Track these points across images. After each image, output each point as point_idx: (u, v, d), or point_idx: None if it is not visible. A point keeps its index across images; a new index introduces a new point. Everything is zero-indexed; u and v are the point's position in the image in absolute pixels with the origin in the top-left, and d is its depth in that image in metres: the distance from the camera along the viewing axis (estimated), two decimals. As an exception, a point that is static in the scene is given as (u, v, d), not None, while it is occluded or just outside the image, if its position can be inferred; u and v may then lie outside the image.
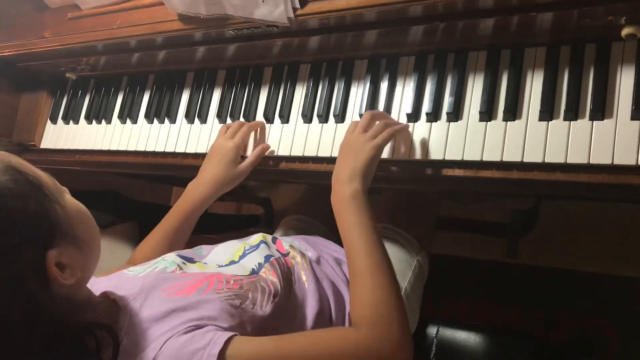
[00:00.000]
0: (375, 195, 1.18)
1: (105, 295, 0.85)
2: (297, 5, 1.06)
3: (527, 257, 1.82)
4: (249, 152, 1.24)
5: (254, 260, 1.03)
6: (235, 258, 1.03)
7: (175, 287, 0.87)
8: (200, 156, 1.33)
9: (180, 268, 0.96)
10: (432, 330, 1.27)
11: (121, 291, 0.85)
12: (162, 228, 1.20)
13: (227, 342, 0.76)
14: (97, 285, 0.87)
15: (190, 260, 0.99)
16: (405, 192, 1.34)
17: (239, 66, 1.33)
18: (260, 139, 1.26)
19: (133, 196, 1.99)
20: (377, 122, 1.05)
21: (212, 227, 2.04)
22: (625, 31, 0.89)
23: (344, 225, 0.98)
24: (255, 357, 0.78)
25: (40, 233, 0.71)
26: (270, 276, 0.98)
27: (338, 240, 1.32)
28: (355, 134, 1.05)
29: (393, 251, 1.21)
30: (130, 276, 0.93)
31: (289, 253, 1.10)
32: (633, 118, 0.92)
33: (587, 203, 1.77)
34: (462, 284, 1.83)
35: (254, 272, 0.99)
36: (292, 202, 1.61)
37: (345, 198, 0.98)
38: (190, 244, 1.17)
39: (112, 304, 0.83)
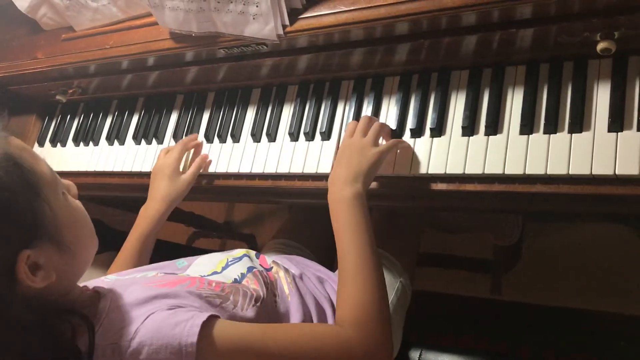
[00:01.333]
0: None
1: (85, 287, 0.85)
2: (287, 22, 1.10)
3: (511, 293, 1.82)
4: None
5: (236, 271, 1.03)
6: (217, 269, 1.02)
7: (157, 282, 0.87)
8: (186, 176, 1.34)
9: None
10: (414, 354, 1.25)
11: (101, 287, 0.84)
12: (123, 254, 1.21)
13: (211, 318, 0.76)
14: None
15: (172, 274, 0.99)
16: (389, 215, 1.35)
17: (228, 88, 1.36)
18: (198, 151, 1.32)
19: (115, 226, 1.98)
20: (376, 128, 1.07)
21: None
22: (600, 46, 0.93)
23: (340, 224, 0.98)
24: (238, 340, 0.77)
25: (19, 231, 0.69)
26: (253, 284, 0.98)
27: (320, 262, 1.33)
28: (357, 137, 1.06)
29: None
30: (108, 280, 0.93)
31: (272, 268, 1.10)
32: (610, 130, 0.94)
33: (570, 239, 1.78)
34: (445, 320, 1.81)
35: (236, 282, 0.99)
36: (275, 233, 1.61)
37: (345, 198, 0.98)
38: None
39: (93, 293, 0.82)
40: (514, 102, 1.04)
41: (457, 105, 1.09)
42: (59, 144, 1.57)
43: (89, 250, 0.82)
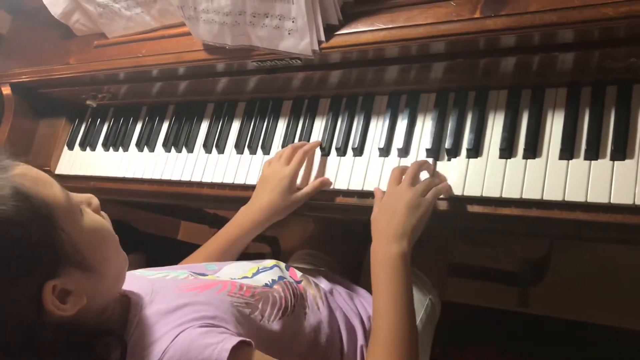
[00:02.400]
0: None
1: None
2: (323, 38, 1.08)
3: (538, 306, 1.79)
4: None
5: (267, 277, 1.03)
6: (248, 274, 1.02)
7: (188, 286, 0.87)
8: (216, 186, 1.34)
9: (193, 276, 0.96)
10: (442, 373, 1.24)
11: (131, 288, 0.84)
12: (205, 251, 1.17)
13: (242, 343, 0.75)
14: None
15: (202, 274, 0.98)
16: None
17: (259, 98, 1.35)
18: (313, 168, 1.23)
19: (141, 228, 1.98)
20: (427, 183, 1.03)
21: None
22: (647, 72, 0.91)
23: (380, 284, 0.96)
24: None
25: (38, 264, 0.68)
26: (283, 292, 0.97)
27: (349, 277, 1.32)
28: (405, 186, 1.02)
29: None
30: (138, 275, 0.93)
31: (301, 281, 1.09)
32: (655, 159, 0.92)
33: (600, 253, 1.75)
34: (471, 331, 1.79)
35: (267, 286, 0.98)
36: (300, 241, 1.60)
37: (389, 257, 0.96)
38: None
39: (124, 299, 0.82)
40: (554, 125, 1.01)
41: (495, 126, 1.06)
42: (88, 148, 1.57)
43: (117, 265, 0.80)
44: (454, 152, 1.08)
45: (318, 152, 1.22)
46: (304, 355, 0.96)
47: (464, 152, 1.07)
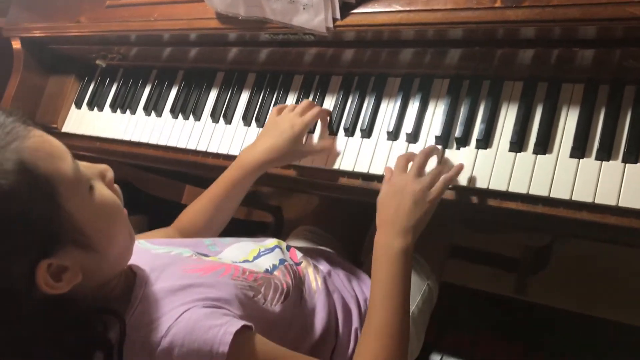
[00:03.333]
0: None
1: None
2: (338, 15, 1.06)
3: (535, 294, 1.79)
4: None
5: (268, 261, 1.02)
6: (249, 258, 1.02)
7: (192, 267, 0.87)
8: (221, 157, 1.33)
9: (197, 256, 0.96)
10: (435, 358, 1.25)
11: (136, 262, 0.84)
12: (208, 194, 1.16)
13: (245, 328, 0.76)
14: None
15: (205, 255, 0.98)
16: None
17: (270, 71, 1.33)
18: (323, 130, 1.21)
19: (145, 189, 1.99)
20: (435, 174, 1.01)
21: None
22: (669, 75, 0.88)
23: (380, 275, 0.95)
24: (267, 357, 0.77)
25: (35, 242, 0.66)
26: (284, 277, 0.97)
27: (349, 256, 1.32)
28: (411, 177, 1.00)
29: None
30: (142, 248, 0.92)
31: (301, 263, 1.09)
32: (669, 164, 0.90)
33: (602, 247, 1.74)
34: (467, 314, 1.80)
35: (267, 272, 0.98)
36: (303, 213, 1.60)
37: (392, 250, 0.95)
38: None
39: (129, 273, 0.82)
40: (568, 122, 0.99)
41: (507, 118, 1.04)
42: (95, 108, 1.56)
43: (121, 244, 0.78)
44: (463, 142, 1.06)
45: (326, 130, 1.21)
46: (301, 337, 0.96)
47: (473, 142, 1.05)
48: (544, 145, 0.99)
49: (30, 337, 0.70)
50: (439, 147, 1.08)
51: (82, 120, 1.57)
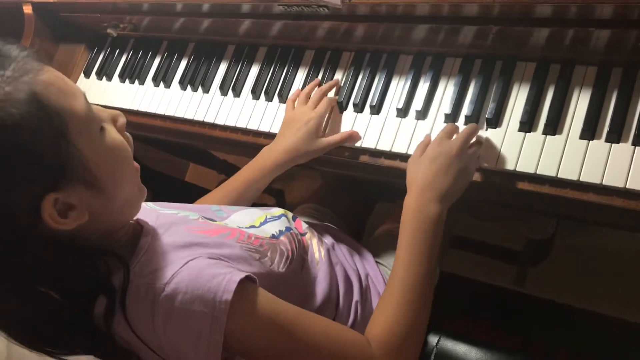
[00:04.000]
0: (396, 199, 1.16)
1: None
2: (354, -12, 1.05)
3: (534, 287, 1.79)
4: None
5: (274, 227, 1.02)
6: (255, 224, 1.02)
7: (199, 228, 0.87)
8: (228, 129, 1.32)
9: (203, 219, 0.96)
10: (433, 339, 1.24)
11: (143, 219, 0.84)
12: (225, 188, 1.16)
13: (248, 278, 0.76)
14: None
15: (211, 220, 0.98)
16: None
17: (281, 45, 1.32)
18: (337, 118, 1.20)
19: (150, 165, 1.98)
20: (474, 144, 1.00)
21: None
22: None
23: (408, 237, 0.93)
24: (272, 311, 0.77)
25: (42, 174, 0.67)
26: (290, 244, 0.97)
27: (352, 234, 1.32)
28: (460, 146, 0.96)
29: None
30: (149, 208, 0.92)
31: (306, 234, 1.09)
32: (678, 147, 0.90)
33: (604, 242, 1.74)
34: (464, 303, 1.80)
35: (274, 237, 0.98)
36: (306, 195, 1.60)
37: (426, 215, 0.93)
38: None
39: (136, 225, 0.83)
40: (579, 103, 0.99)
41: (518, 98, 1.04)
42: (104, 78, 1.56)
43: (129, 189, 0.78)
44: (473, 120, 1.06)
45: (336, 106, 1.21)
46: (300, 304, 0.96)
47: (483, 121, 1.05)
48: (554, 126, 0.99)
49: (33, 273, 0.71)
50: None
51: (90, 90, 1.57)
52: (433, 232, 0.93)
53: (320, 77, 1.25)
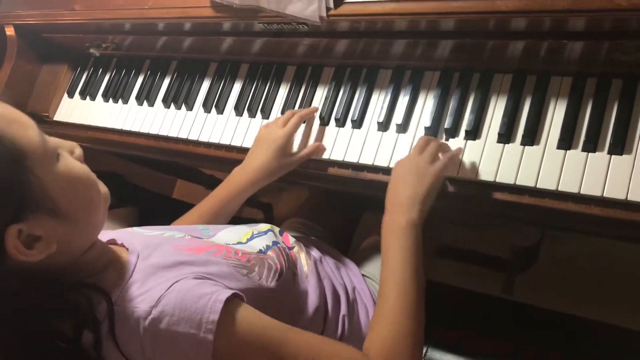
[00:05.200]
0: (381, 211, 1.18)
1: (113, 241, 0.85)
2: (331, 5, 1.07)
3: (523, 294, 1.80)
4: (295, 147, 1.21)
5: (261, 242, 1.02)
6: (242, 240, 1.02)
7: (185, 246, 0.87)
8: (212, 146, 1.33)
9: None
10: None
11: (129, 242, 0.84)
12: (198, 210, 1.16)
13: (235, 296, 0.76)
14: (103, 235, 0.85)
15: (198, 238, 0.99)
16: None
17: (263, 62, 1.34)
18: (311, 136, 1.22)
19: (137, 182, 1.98)
20: (432, 144, 1.02)
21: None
22: (655, 68, 0.89)
23: (389, 253, 0.94)
24: (260, 329, 0.77)
25: (3, 204, 0.66)
26: (277, 258, 0.97)
27: (339, 248, 1.32)
28: (414, 155, 1.01)
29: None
30: (136, 232, 0.93)
31: (293, 247, 1.09)
32: (654, 156, 0.91)
33: (590, 247, 1.76)
34: (453, 313, 1.80)
35: (261, 252, 0.98)
36: (294, 209, 1.60)
37: (399, 225, 0.94)
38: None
39: (120, 250, 0.83)
40: (556, 114, 1.01)
41: (496, 110, 1.05)
42: (88, 97, 1.56)
43: (96, 214, 0.77)
44: (452, 133, 1.07)
45: (317, 121, 1.22)
46: (291, 319, 0.96)
47: (462, 133, 1.07)
48: (532, 137, 1.00)
49: (12, 310, 0.70)
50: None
51: (74, 110, 1.57)
52: (409, 238, 0.94)
53: (302, 92, 1.27)
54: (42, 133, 0.71)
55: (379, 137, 1.14)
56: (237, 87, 1.35)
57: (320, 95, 1.24)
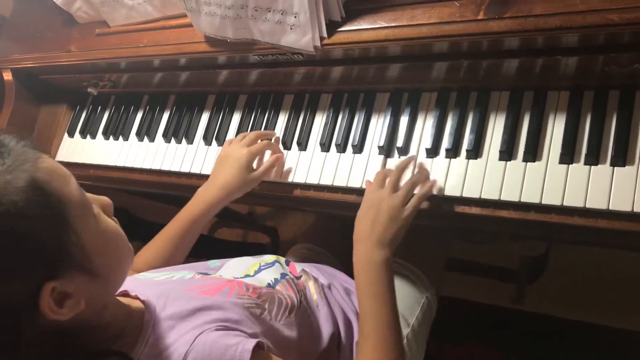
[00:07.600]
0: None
1: (126, 293, 0.84)
2: (325, 34, 1.07)
3: (533, 304, 1.80)
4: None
5: (269, 275, 1.03)
6: (250, 272, 1.02)
7: (198, 288, 0.87)
8: (215, 178, 1.33)
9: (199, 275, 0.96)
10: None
11: (143, 293, 0.83)
12: (166, 232, 1.17)
13: (259, 345, 0.76)
14: None
15: (206, 273, 0.99)
16: (419, 228, 1.33)
17: (260, 92, 1.34)
18: (275, 152, 1.24)
19: (142, 216, 1.99)
20: (408, 187, 1.03)
21: (215, 252, 2.03)
22: (650, 79, 0.90)
23: (364, 288, 0.96)
24: None
25: (42, 263, 0.65)
26: (287, 291, 0.98)
27: (347, 271, 1.32)
28: (387, 192, 1.02)
29: (402, 286, 1.20)
30: (143, 279, 0.93)
31: (301, 277, 1.09)
32: (655, 166, 0.91)
33: (598, 255, 1.75)
34: (465, 326, 1.80)
35: (270, 286, 0.98)
36: (299, 232, 1.60)
37: (373, 262, 0.96)
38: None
39: (134, 305, 0.82)
40: (555, 128, 1.01)
41: (496, 128, 1.06)
42: (88, 136, 1.57)
43: (124, 271, 0.78)
44: (453, 153, 1.08)
45: (318, 147, 1.22)
46: (312, 350, 0.96)
47: (463, 152, 1.07)
48: (533, 153, 1.01)
49: None
50: (412, 154, 1.11)
51: (75, 149, 1.58)
52: (385, 276, 0.96)
53: (300, 119, 1.27)
54: (80, 187, 0.71)
55: (380, 161, 1.14)
56: (236, 118, 1.36)
57: (320, 121, 1.24)
